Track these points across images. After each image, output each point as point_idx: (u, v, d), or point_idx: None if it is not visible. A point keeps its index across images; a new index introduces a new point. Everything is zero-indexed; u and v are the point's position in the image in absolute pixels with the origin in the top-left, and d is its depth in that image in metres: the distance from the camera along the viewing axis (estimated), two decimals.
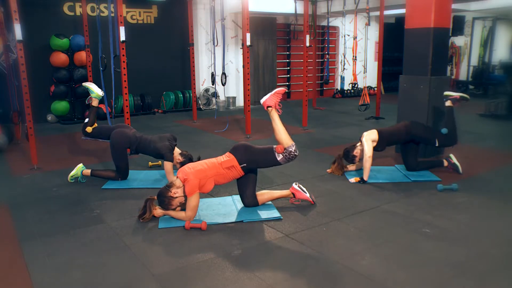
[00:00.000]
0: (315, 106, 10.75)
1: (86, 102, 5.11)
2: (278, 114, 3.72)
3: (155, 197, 3.65)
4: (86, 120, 4.86)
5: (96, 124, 4.87)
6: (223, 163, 3.65)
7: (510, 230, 3.46)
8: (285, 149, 3.64)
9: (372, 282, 2.67)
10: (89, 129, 4.79)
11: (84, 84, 5.10)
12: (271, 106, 3.71)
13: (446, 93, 4.99)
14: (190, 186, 3.49)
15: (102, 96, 5.04)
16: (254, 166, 3.78)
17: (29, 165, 5.45)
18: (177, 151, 4.63)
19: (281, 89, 3.73)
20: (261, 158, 3.72)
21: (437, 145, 4.84)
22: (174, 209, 3.63)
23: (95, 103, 4.97)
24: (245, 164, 3.68)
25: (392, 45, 12.43)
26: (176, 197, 3.59)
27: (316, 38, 10.91)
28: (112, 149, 4.68)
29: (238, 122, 8.73)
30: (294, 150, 3.66)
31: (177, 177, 3.62)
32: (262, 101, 3.75)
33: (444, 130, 4.79)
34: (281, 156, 3.66)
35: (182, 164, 4.41)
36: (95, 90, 4.96)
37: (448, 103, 4.96)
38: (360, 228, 3.48)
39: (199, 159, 4.00)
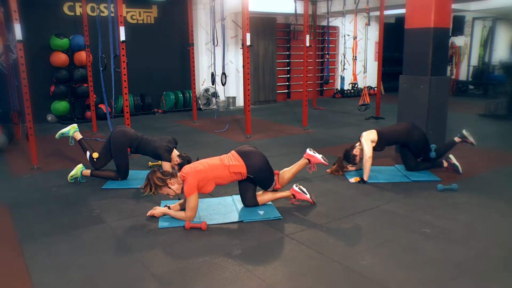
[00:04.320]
0: (315, 106, 10.75)
1: (71, 144, 5.01)
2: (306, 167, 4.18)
3: (157, 169, 3.58)
4: (87, 153, 4.77)
5: (97, 154, 4.75)
6: (231, 167, 3.65)
7: (510, 230, 3.46)
8: (278, 187, 3.98)
9: (372, 282, 2.67)
10: (95, 154, 4.72)
11: (56, 136, 4.95)
12: (309, 161, 4.13)
13: (464, 132, 5.10)
14: (188, 187, 3.48)
15: (76, 126, 4.99)
16: (257, 180, 3.83)
17: (29, 165, 5.45)
18: (175, 153, 4.62)
19: (326, 163, 4.15)
20: (266, 178, 3.84)
21: (418, 159, 4.97)
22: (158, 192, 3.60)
23: (78, 136, 4.92)
24: (252, 176, 3.72)
25: (392, 45, 12.43)
26: (170, 187, 3.55)
27: (316, 38, 10.91)
28: (113, 148, 4.68)
29: (238, 122, 8.73)
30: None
31: (177, 174, 3.61)
32: (310, 153, 4.15)
33: (432, 154, 4.90)
34: (272, 189, 3.94)
35: (180, 165, 4.40)
36: (68, 128, 4.93)
37: (457, 139, 5.09)
38: (360, 228, 3.48)
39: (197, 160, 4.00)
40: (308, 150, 4.16)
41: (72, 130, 4.94)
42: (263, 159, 3.78)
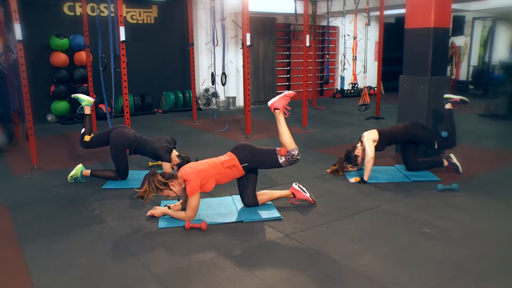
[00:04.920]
0: (315, 106, 10.75)
1: (78, 112, 5.05)
2: (285, 117, 3.75)
3: (157, 171, 3.55)
4: (83, 130, 4.77)
5: (89, 137, 4.75)
6: (224, 163, 3.65)
7: (510, 230, 3.46)
8: (288, 152, 3.68)
9: (372, 282, 2.67)
10: (87, 137, 4.73)
11: (72, 96, 5.05)
12: (278, 109, 3.74)
13: (446, 95, 5.00)
14: (191, 186, 3.49)
15: (94, 101, 5.03)
16: (255, 166, 3.79)
17: (29, 165, 5.45)
18: (174, 153, 4.62)
19: (290, 93, 3.76)
20: (262, 158, 3.74)
21: (436, 147, 4.87)
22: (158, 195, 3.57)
23: (87, 110, 4.93)
24: (246, 164, 3.68)
25: (392, 45, 12.43)
26: (171, 189, 3.51)
27: (316, 38, 10.91)
28: (111, 149, 4.68)
29: (238, 122, 8.73)
30: (297, 154, 3.70)
31: (178, 175, 3.60)
32: (269, 103, 3.78)
33: (444, 133, 4.81)
34: (283, 158, 3.69)
35: (179, 166, 4.40)
36: (85, 98, 4.95)
37: (448, 106, 4.97)
38: (360, 228, 3.48)
39: (197, 161, 4.00)
40: (269, 103, 3.80)
41: (86, 102, 4.94)
42: (250, 145, 3.77)
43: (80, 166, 4.79)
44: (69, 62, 8.85)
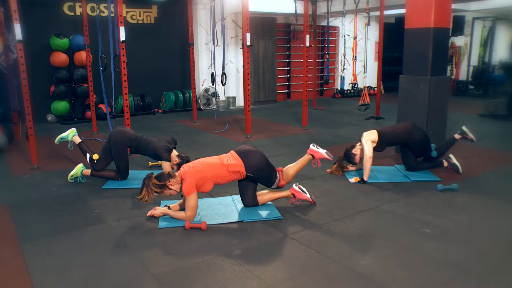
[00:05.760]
0: (315, 106, 10.75)
1: (70, 148, 5.03)
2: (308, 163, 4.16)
3: (153, 175, 3.57)
4: (87, 155, 4.75)
5: (97, 155, 4.74)
6: (230, 166, 3.65)
7: (510, 230, 3.46)
8: (283, 185, 3.97)
9: (372, 282, 2.67)
10: (95, 156, 4.71)
11: (56, 141, 4.97)
12: (313, 156, 4.11)
13: (464, 128, 5.12)
14: (186, 186, 3.48)
15: (75, 130, 5.02)
16: (256, 179, 3.83)
17: (29, 165, 5.45)
18: (174, 153, 4.63)
19: (330, 158, 4.15)
20: (267, 176, 3.84)
21: (419, 159, 4.97)
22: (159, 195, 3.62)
23: (77, 140, 4.93)
24: (251, 174, 3.71)
25: (392, 45, 12.43)
26: (170, 189, 3.54)
27: (316, 38, 10.91)
28: (112, 149, 4.68)
29: (238, 122, 8.73)
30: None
31: (176, 174, 3.61)
32: (313, 148, 4.15)
33: (434, 153, 4.89)
34: (276, 186, 3.93)
35: (179, 165, 4.41)
36: (67, 133, 4.94)
37: (457, 136, 5.11)
38: (360, 228, 3.48)
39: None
40: (311, 146, 4.17)
41: (71, 134, 4.95)
42: (261, 157, 3.78)
43: (80, 165, 4.80)
44: (69, 62, 8.85)
